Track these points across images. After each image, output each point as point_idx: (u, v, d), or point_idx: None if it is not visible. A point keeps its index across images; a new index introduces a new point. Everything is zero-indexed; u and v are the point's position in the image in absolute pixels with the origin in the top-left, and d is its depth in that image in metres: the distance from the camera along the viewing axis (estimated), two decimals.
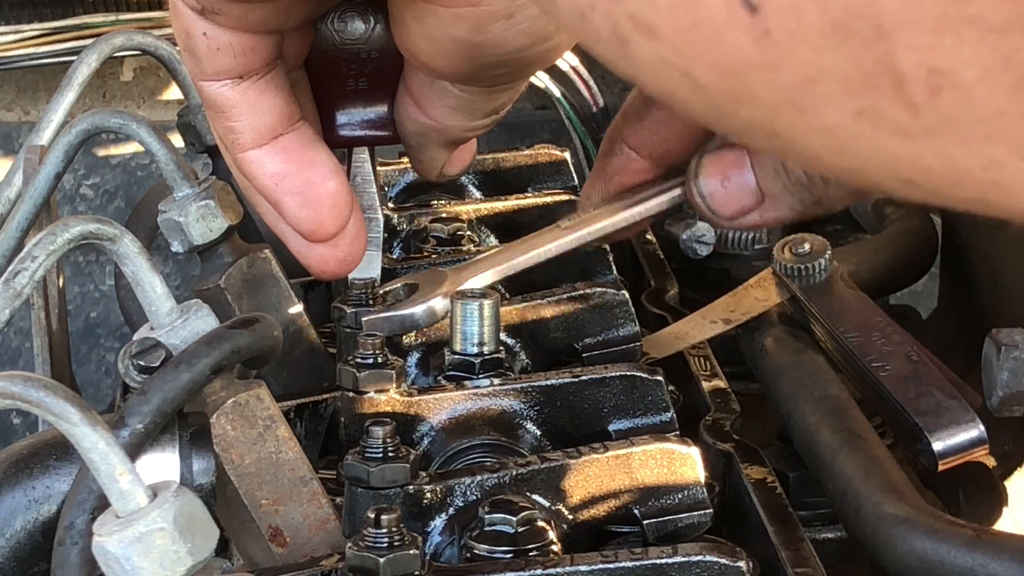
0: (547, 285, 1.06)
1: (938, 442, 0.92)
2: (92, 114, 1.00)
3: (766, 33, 0.39)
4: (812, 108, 0.40)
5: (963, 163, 0.39)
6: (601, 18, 0.43)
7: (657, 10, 0.41)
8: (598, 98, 1.53)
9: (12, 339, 1.60)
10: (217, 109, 0.79)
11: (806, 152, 0.43)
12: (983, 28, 0.36)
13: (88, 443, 0.65)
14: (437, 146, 0.89)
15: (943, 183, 0.41)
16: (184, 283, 1.56)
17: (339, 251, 0.84)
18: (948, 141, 0.39)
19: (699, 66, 0.42)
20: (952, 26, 0.36)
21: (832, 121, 0.40)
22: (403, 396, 0.89)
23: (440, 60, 0.77)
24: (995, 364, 0.92)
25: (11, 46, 1.47)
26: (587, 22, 0.44)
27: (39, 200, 1.03)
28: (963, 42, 0.36)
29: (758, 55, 0.40)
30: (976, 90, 0.37)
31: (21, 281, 0.75)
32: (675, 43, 0.42)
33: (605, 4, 0.43)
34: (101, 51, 1.11)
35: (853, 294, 1.05)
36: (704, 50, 0.41)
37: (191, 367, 0.79)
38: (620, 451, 0.83)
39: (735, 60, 0.40)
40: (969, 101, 0.38)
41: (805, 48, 0.39)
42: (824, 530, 0.95)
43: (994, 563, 0.79)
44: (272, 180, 0.80)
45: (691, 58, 0.42)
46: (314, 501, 0.86)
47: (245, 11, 0.74)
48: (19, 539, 0.80)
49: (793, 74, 0.40)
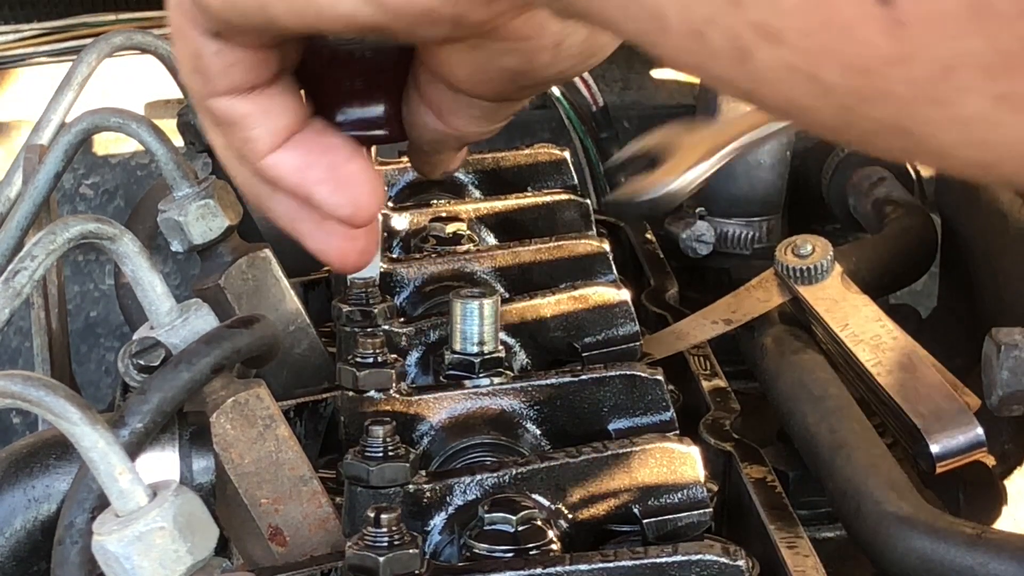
0: (547, 284, 1.06)
1: (936, 445, 0.92)
2: (92, 113, 1.00)
3: (899, 24, 0.38)
4: (949, 99, 0.40)
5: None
6: (720, 32, 0.42)
7: (782, 14, 0.41)
8: (598, 97, 1.53)
9: (12, 338, 1.60)
10: (230, 123, 0.78)
11: (941, 148, 0.42)
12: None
13: (88, 442, 0.65)
14: (451, 150, 0.89)
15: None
16: (184, 283, 1.56)
17: (359, 243, 0.83)
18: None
19: (827, 67, 0.41)
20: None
21: (971, 110, 0.40)
22: (403, 395, 0.89)
23: (482, 88, 0.77)
24: (995, 363, 0.92)
25: (11, 45, 1.47)
26: (703, 40, 0.43)
27: (39, 199, 1.03)
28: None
29: (891, 48, 0.39)
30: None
31: (21, 280, 0.75)
32: (802, 46, 0.41)
33: (725, 16, 0.42)
34: (101, 50, 1.11)
35: (854, 295, 1.05)
36: (833, 50, 0.40)
37: (191, 366, 0.79)
38: (620, 450, 0.83)
39: (866, 56, 0.40)
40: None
41: (942, 35, 0.38)
42: (824, 529, 0.95)
43: (994, 562, 0.79)
44: (298, 174, 0.78)
45: (819, 60, 0.41)
46: (314, 500, 0.86)
47: (256, 36, 0.73)
48: (19, 538, 0.80)
49: (929, 65, 0.39)
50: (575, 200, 1.19)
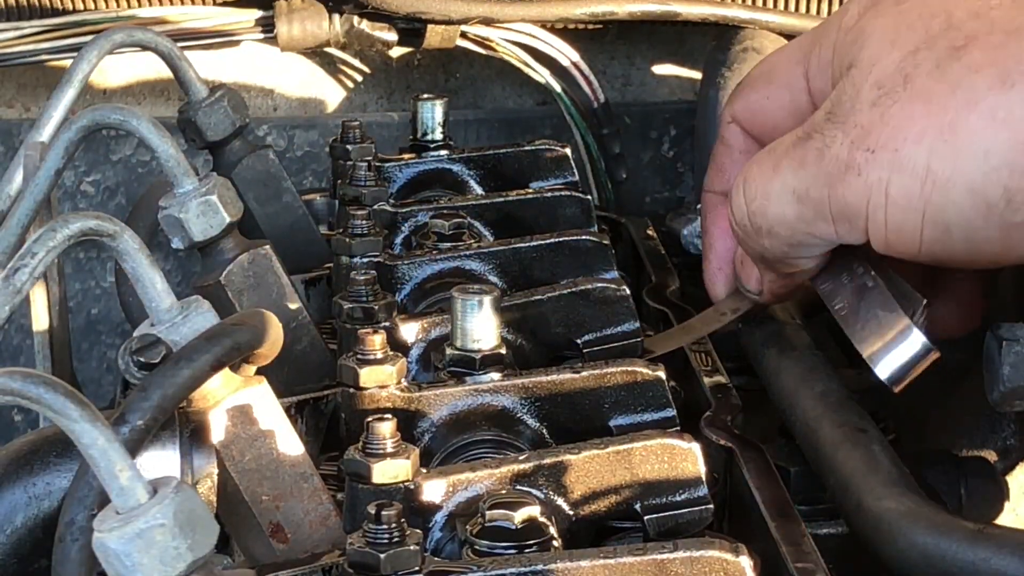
0: (548, 281, 1.06)
1: (882, 369, 0.91)
2: (93, 110, 1.00)
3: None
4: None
5: None
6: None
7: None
8: (599, 93, 1.53)
9: (13, 336, 1.59)
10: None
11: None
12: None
13: (88, 439, 0.65)
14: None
15: None
16: (185, 279, 1.55)
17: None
18: None
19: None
20: None
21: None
22: (404, 392, 0.89)
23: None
24: (996, 359, 0.91)
25: (11, 43, 1.46)
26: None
27: (39, 197, 1.02)
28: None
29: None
30: None
31: (21, 277, 0.75)
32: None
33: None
34: (101, 47, 1.11)
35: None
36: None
37: (191, 363, 0.79)
38: (621, 446, 0.83)
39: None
40: None
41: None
42: (825, 525, 0.95)
43: (996, 558, 0.79)
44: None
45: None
46: (315, 497, 0.86)
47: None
48: (20, 535, 0.80)
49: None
50: (576, 196, 1.19)
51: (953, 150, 0.82)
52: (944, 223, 0.83)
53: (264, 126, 1.58)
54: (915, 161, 0.83)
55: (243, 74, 1.61)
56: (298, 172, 1.58)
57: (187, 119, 1.17)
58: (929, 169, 0.83)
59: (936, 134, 0.82)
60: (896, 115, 0.84)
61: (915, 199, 0.84)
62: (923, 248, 0.85)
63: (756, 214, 0.93)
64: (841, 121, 0.88)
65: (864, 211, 0.86)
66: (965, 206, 0.82)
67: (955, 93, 0.82)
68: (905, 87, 0.85)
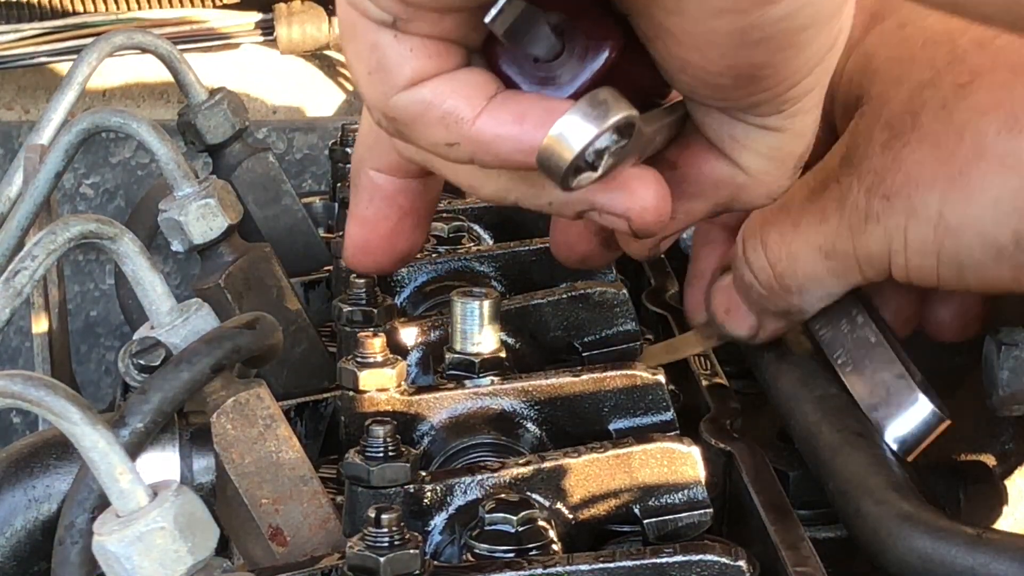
0: (547, 284, 1.06)
1: (892, 437, 0.92)
2: (92, 113, 1.00)
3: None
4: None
5: None
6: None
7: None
8: None
9: (12, 338, 1.60)
10: (420, 111, 0.73)
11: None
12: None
13: (88, 442, 0.65)
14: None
15: None
16: (184, 282, 1.56)
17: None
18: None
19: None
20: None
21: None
22: (403, 395, 0.89)
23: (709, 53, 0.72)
24: (995, 363, 0.91)
25: (11, 45, 1.47)
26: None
27: (39, 199, 1.03)
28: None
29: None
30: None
31: (21, 280, 0.75)
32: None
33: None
34: (101, 50, 1.11)
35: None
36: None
37: (191, 366, 0.79)
38: (620, 450, 0.83)
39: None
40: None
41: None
42: (824, 529, 0.95)
43: (995, 563, 0.79)
44: (516, 125, 0.73)
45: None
46: (314, 500, 0.86)
47: (436, 20, 0.71)
48: (19, 538, 0.80)
49: None
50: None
51: (964, 197, 0.83)
52: (957, 264, 0.85)
53: (264, 129, 1.58)
54: (928, 207, 0.85)
55: (243, 77, 1.62)
56: (297, 175, 1.58)
57: (187, 122, 1.17)
58: (941, 215, 0.84)
59: (947, 182, 0.84)
60: (907, 159, 0.86)
61: (929, 243, 0.85)
62: (940, 283, 0.87)
63: (784, 275, 0.93)
64: (856, 166, 0.88)
65: (887, 257, 0.88)
66: (976, 250, 0.84)
67: (963, 138, 0.83)
68: (914, 129, 0.86)
